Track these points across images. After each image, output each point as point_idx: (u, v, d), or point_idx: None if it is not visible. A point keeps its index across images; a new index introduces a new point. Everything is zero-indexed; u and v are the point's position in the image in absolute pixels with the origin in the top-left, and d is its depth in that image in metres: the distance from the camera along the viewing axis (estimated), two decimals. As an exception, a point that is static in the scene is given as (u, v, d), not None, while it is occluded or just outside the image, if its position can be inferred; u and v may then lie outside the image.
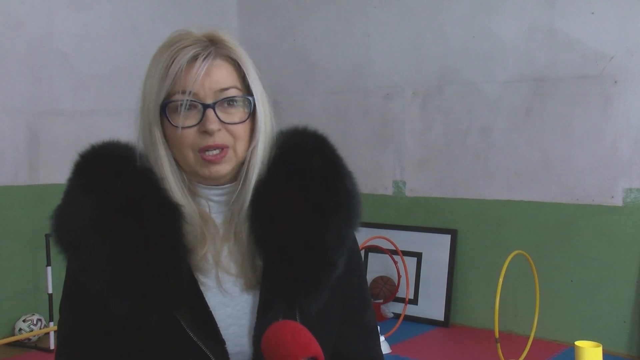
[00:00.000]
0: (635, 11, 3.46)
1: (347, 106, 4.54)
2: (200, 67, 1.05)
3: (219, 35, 1.10)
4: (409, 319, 4.09)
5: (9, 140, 3.79)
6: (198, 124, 1.06)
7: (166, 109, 1.06)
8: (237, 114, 1.09)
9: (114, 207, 1.04)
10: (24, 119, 3.85)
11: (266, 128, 1.13)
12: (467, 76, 4.02)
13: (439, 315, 4.08)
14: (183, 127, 1.06)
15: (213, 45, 1.08)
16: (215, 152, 1.07)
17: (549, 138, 3.74)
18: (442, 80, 4.13)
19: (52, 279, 3.61)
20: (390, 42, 4.32)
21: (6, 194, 3.76)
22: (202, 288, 1.08)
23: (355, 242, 1.21)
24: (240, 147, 1.10)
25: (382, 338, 3.46)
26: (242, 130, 1.09)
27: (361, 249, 3.88)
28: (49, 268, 3.61)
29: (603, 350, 2.65)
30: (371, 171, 4.38)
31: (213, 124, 1.05)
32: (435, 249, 4.14)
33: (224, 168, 1.09)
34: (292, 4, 4.77)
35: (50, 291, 3.62)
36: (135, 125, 1.12)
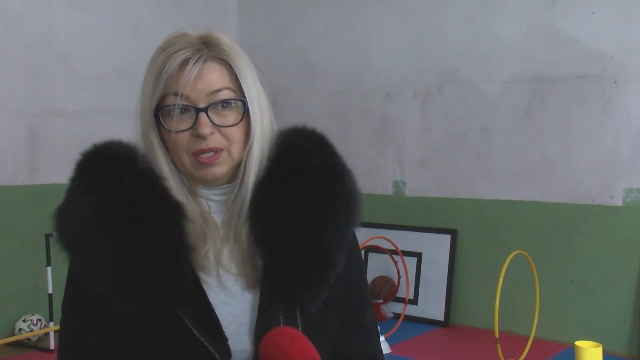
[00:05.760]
0: (635, 11, 3.46)
1: (347, 106, 4.54)
2: (191, 71, 1.05)
3: (213, 37, 1.10)
4: (409, 319, 4.09)
5: (9, 140, 3.79)
6: (191, 127, 1.06)
7: (160, 113, 1.07)
8: (231, 116, 1.09)
9: (116, 206, 1.04)
10: (24, 119, 3.85)
11: (263, 129, 1.12)
12: (467, 76, 4.02)
13: (439, 315, 4.08)
14: (176, 131, 1.06)
15: (206, 48, 1.08)
16: (209, 154, 1.08)
17: (549, 138, 3.74)
18: (442, 80, 4.13)
19: (52, 279, 3.60)
20: (390, 42, 4.32)
21: (6, 194, 3.76)
22: (204, 286, 1.08)
23: (355, 240, 1.21)
24: (236, 149, 1.10)
25: (382, 338, 3.45)
26: (236, 132, 1.09)
27: (361, 249, 3.88)
28: (49, 268, 3.61)
29: (603, 350, 2.65)
30: (371, 171, 4.38)
31: (205, 128, 1.06)
32: (435, 249, 4.14)
33: (219, 170, 1.09)
34: (292, 4, 4.76)
35: (50, 291, 3.62)
36: (135, 127, 1.13)
